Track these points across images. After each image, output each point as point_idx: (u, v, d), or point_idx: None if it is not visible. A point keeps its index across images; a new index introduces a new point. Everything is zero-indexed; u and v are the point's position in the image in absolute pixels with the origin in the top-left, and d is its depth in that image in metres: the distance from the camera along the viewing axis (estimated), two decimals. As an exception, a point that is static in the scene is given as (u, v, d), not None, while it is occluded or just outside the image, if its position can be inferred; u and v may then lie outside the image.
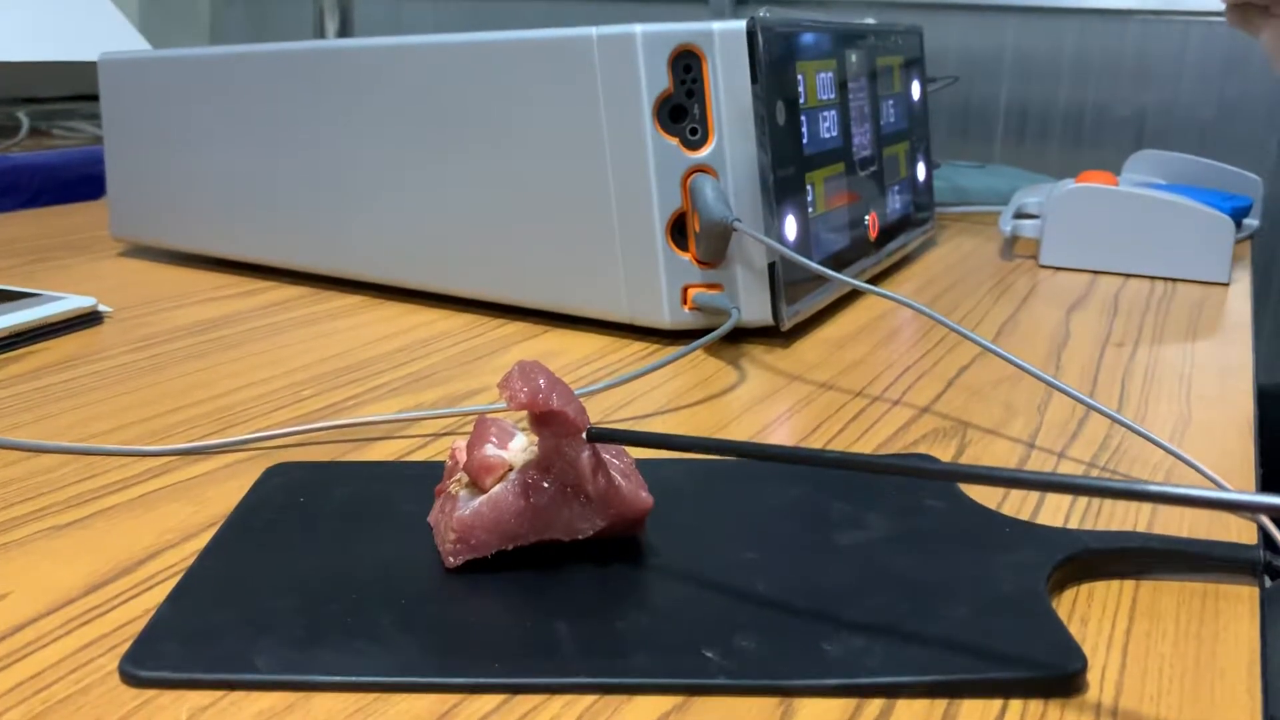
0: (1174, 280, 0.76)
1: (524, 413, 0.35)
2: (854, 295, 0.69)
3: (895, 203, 0.77)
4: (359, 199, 0.66)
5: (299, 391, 0.50)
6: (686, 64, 0.55)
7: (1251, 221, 0.93)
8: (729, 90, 0.55)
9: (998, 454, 0.44)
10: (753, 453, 0.30)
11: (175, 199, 0.74)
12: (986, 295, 0.71)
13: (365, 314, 0.63)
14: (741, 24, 0.55)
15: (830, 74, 0.65)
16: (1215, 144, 1.23)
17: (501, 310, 0.64)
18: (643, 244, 0.57)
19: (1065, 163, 1.28)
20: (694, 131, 0.56)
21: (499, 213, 0.61)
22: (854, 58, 0.69)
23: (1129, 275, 0.77)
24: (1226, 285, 0.74)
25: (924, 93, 0.84)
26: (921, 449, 0.44)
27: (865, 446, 0.44)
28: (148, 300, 0.65)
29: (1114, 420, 0.43)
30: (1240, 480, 0.41)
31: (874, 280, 0.74)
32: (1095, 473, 0.42)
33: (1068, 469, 0.42)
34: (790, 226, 0.59)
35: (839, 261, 0.66)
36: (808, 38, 0.62)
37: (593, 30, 0.56)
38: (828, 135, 0.64)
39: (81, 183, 1.08)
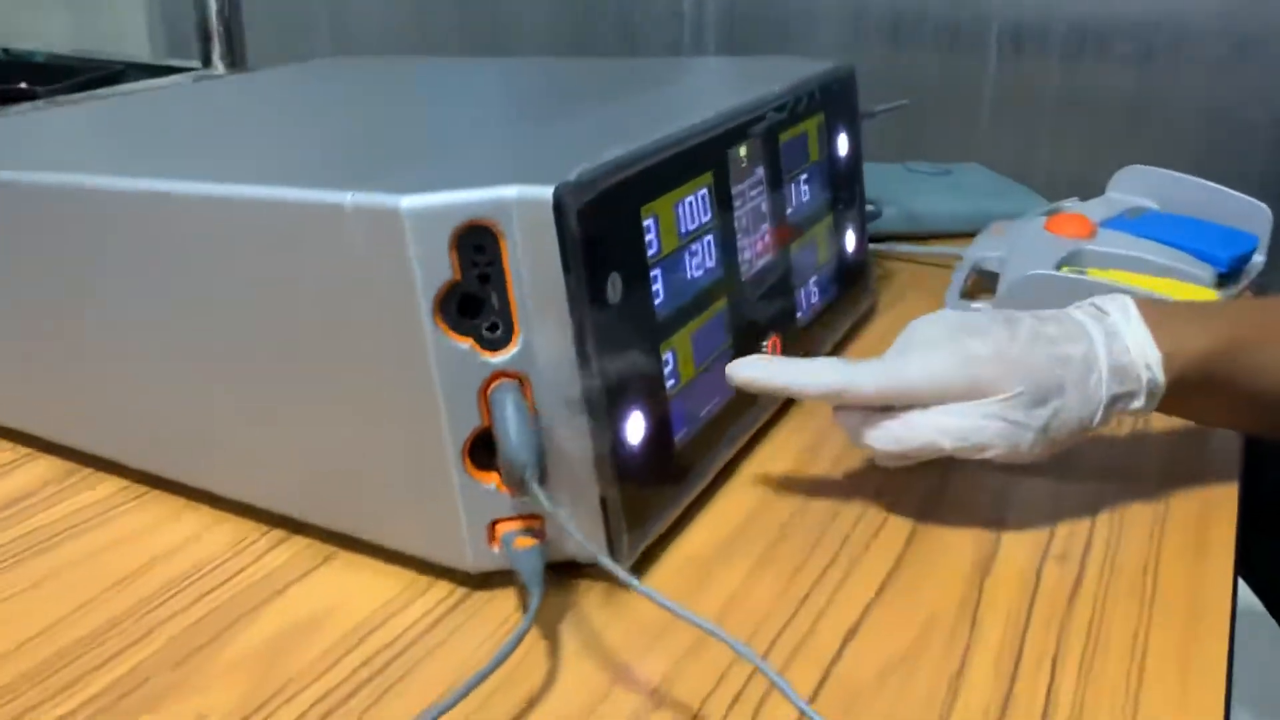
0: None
1: None
2: (726, 470, 0.55)
3: (813, 297, 0.63)
4: (104, 367, 0.52)
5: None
6: (478, 243, 0.41)
7: (1259, 259, 0.78)
8: (536, 273, 0.41)
9: None
10: None
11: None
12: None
13: (114, 523, 0.50)
14: (547, 191, 0.40)
15: (705, 190, 0.50)
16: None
17: (285, 520, 0.50)
18: (434, 471, 0.43)
19: (1060, 95, 1.11)
20: (493, 328, 0.42)
21: (264, 407, 0.47)
22: (742, 152, 0.54)
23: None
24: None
25: (856, 142, 0.68)
26: None
27: None
28: None
29: None
30: None
31: (774, 416, 0.59)
32: None
33: None
34: (634, 428, 0.45)
35: (718, 426, 0.52)
36: (659, 168, 0.47)
37: (345, 196, 0.41)
38: (699, 272, 0.50)
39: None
